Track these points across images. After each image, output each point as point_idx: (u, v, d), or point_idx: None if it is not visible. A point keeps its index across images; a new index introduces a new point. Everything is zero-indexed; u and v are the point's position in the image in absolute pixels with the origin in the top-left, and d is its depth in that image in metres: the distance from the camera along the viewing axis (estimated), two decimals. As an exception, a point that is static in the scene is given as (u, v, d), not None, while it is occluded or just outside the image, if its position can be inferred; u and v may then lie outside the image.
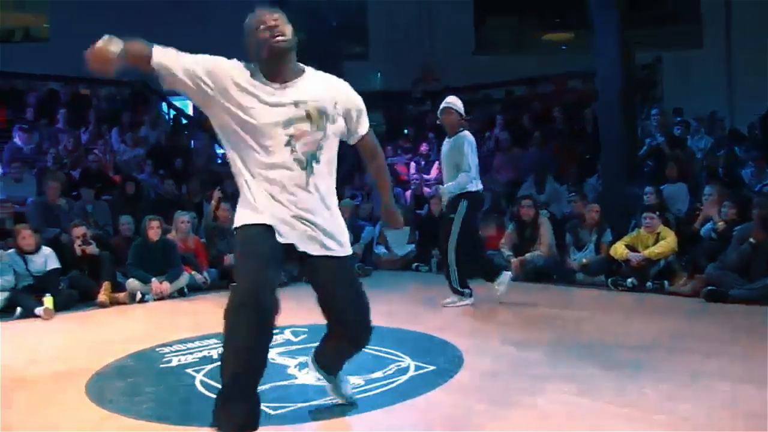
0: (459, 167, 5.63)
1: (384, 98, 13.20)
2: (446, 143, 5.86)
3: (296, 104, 2.53)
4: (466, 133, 5.73)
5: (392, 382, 3.49)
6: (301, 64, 2.64)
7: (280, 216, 2.53)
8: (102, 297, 6.41)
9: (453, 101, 5.81)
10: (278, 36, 2.48)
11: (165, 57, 2.45)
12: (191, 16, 13.58)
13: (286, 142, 2.51)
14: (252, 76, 2.53)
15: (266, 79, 2.53)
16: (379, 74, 14.87)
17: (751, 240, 5.58)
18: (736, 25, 14.13)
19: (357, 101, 2.73)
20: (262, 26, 2.50)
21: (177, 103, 13.38)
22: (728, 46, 14.24)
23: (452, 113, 5.75)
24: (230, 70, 2.52)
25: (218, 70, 2.51)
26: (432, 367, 3.74)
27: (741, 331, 4.62)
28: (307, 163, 2.55)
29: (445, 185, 5.77)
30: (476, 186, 5.70)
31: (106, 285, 6.51)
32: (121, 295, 6.59)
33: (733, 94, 13.86)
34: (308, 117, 2.54)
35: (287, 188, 2.53)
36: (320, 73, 2.68)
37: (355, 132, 2.74)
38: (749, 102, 12.28)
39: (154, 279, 6.67)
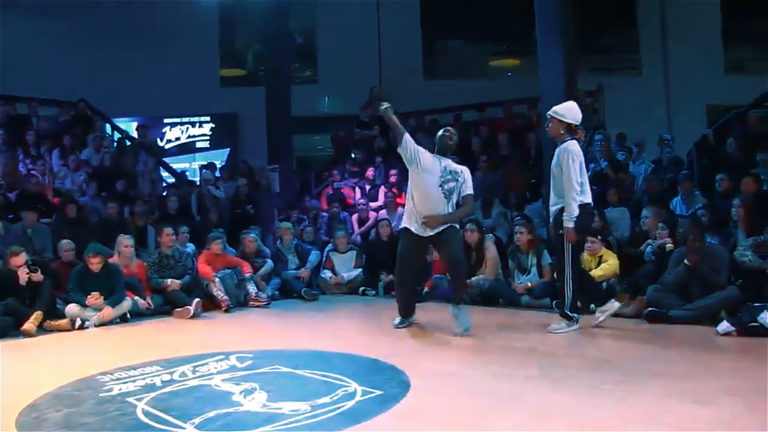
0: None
1: (332, 122, 13.25)
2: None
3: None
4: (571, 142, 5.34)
5: (339, 407, 3.45)
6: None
7: None
8: (28, 326, 6.00)
9: (558, 108, 5.46)
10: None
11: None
12: (142, 39, 13.52)
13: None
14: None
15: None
16: (327, 98, 14.93)
17: (686, 262, 5.75)
18: (672, 55, 14.68)
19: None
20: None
21: (121, 125, 13.11)
22: (666, 74, 14.76)
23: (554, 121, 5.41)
24: None
25: None
26: (379, 392, 3.72)
27: (681, 349, 4.74)
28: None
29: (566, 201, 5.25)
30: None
31: (37, 314, 6.12)
32: (61, 322, 6.32)
33: (671, 121, 14.34)
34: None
35: None
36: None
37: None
38: (686, 129, 12.75)
39: (90, 296, 6.48)
